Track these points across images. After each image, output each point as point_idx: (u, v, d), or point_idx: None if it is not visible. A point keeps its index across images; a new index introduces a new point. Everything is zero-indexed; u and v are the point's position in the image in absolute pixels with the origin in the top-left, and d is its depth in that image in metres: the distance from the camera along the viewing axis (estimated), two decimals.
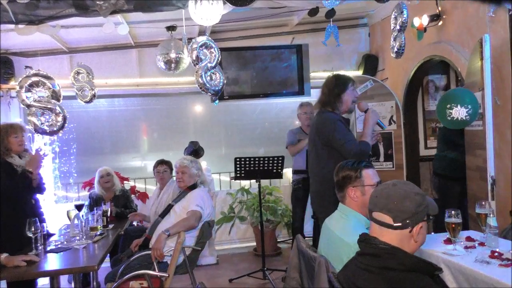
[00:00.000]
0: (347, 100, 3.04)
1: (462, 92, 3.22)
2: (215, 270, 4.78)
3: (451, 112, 3.05)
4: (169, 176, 4.17)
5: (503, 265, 1.96)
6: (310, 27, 5.60)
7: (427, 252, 2.26)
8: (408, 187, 1.51)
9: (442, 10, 4.21)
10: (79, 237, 3.25)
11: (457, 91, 3.14)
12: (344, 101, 3.03)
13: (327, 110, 3.03)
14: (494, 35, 3.54)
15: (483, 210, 2.34)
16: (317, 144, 3.01)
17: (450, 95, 3.13)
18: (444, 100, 3.15)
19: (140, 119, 6.00)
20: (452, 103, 3.04)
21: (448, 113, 3.06)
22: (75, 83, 4.44)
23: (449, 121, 3.08)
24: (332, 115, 2.97)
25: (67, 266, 2.70)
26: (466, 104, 3.01)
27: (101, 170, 4.34)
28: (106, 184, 4.31)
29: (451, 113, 3.05)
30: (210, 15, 2.75)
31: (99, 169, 4.36)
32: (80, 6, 2.44)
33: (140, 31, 4.95)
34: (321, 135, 2.96)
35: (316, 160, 3.03)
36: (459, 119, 3.03)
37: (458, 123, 3.08)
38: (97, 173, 4.34)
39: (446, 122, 3.10)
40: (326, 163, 2.90)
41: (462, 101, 3.04)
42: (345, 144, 2.83)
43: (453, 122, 3.09)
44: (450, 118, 3.03)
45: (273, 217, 5.18)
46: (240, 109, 6.12)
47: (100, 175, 4.31)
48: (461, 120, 3.05)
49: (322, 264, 1.70)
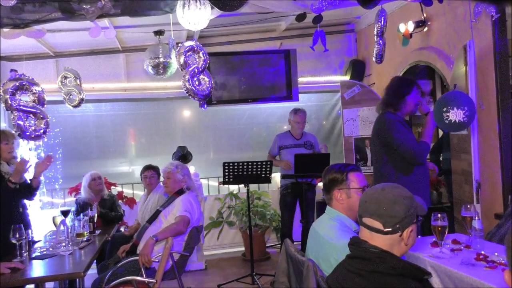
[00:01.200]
0: (410, 103, 3.09)
1: (457, 94, 3.24)
2: (203, 275, 4.75)
3: (448, 115, 3.04)
4: (156, 181, 4.14)
5: (488, 268, 1.99)
6: (298, 33, 5.64)
7: (415, 255, 2.27)
8: (397, 191, 1.52)
9: (427, 16, 4.28)
10: (65, 243, 3.20)
11: (452, 93, 3.15)
12: (408, 103, 3.09)
13: (388, 111, 3.11)
14: (478, 41, 3.61)
15: (468, 213, 2.37)
16: (376, 144, 3.15)
17: (446, 98, 3.13)
18: (440, 103, 3.15)
19: (127, 124, 5.95)
20: (449, 106, 3.03)
21: (445, 116, 3.04)
22: (62, 88, 4.38)
23: (447, 125, 3.07)
24: (392, 116, 3.06)
25: (53, 273, 2.65)
26: (463, 106, 3.02)
27: (93, 173, 4.29)
28: (98, 187, 4.26)
29: (448, 116, 3.04)
30: (198, 20, 2.75)
31: (90, 172, 4.30)
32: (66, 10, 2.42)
33: (127, 36, 4.93)
34: (380, 135, 3.08)
35: (375, 159, 3.19)
36: (456, 121, 3.03)
37: (456, 126, 3.08)
38: (88, 176, 4.26)
39: (444, 125, 3.11)
40: (384, 163, 3.04)
41: (458, 103, 3.06)
42: (404, 143, 2.94)
43: (451, 125, 3.08)
44: (448, 121, 3.02)
45: (262, 222, 5.17)
46: (228, 114, 6.12)
47: (92, 177, 4.25)
48: (459, 123, 3.05)
49: (310, 268, 1.70)
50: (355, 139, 5.15)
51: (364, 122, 5.10)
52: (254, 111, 6.17)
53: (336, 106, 6.17)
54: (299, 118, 4.67)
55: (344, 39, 6.01)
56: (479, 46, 3.60)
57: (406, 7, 4.58)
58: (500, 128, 3.49)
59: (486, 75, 3.57)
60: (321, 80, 5.93)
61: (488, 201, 3.58)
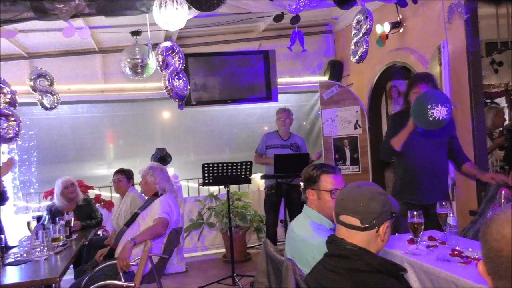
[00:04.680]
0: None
1: (438, 92, 3.28)
2: (183, 278, 4.71)
3: (433, 112, 3.01)
4: (125, 185, 4.04)
5: (463, 263, 2.03)
6: (276, 33, 5.66)
7: (392, 253, 2.31)
8: (372, 188, 1.55)
9: (402, 17, 4.36)
10: (40, 248, 3.13)
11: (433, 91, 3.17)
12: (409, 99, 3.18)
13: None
14: (452, 41, 3.69)
15: (443, 210, 2.42)
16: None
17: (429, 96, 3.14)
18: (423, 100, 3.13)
19: (105, 125, 5.85)
20: (433, 103, 3.02)
21: (430, 114, 3.01)
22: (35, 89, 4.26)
23: (430, 122, 3.05)
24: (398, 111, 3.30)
25: (27, 279, 2.59)
26: (446, 103, 3.05)
27: (65, 181, 4.07)
28: (71, 195, 4.08)
29: (433, 113, 3.01)
30: (175, 20, 2.72)
31: (61, 180, 4.07)
32: (38, 9, 2.35)
33: (104, 36, 4.85)
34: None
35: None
36: (440, 118, 3.04)
37: (437, 123, 3.10)
38: (60, 184, 4.05)
39: (427, 123, 3.08)
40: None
41: (442, 100, 3.08)
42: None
43: (434, 123, 3.09)
44: (432, 119, 3.01)
45: (242, 223, 5.16)
46: (207, 115, 6.09)
47: (64, 185, 4.04)
48: (441, 120, 3.06)
49: (289, 267, 1.71)
50: (334, 139, 5.20)
51: (343, 122, 5.16)
52: (234, 112, 6.16)
53: (315, 106, 6.22)
54: (280, 115, 4.73)
55: (322, 40, 6.06)
56: (453, 46, 3.69)
57: (382, 8, 4.65)
58: (474, 126, 3.57)
59: (459, 75, 3.66)
60: (300, 81, 5.97)
61: (463, 198, 3.67)
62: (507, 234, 0.91)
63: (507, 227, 0.91)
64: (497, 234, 0.92)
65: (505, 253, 0.90)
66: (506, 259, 0.90)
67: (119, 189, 4.04)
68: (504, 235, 0.91)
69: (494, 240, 0.93)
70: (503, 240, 0.91)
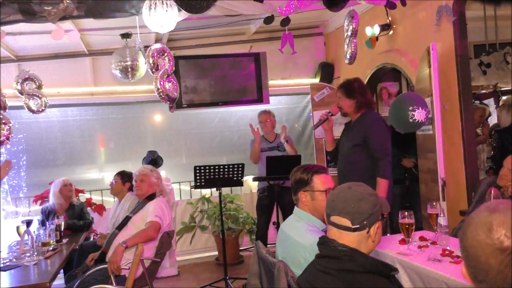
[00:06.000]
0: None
1: (417, 95, 3.30)
2: (176, 281, 4.68)
3: (414, 114, 3.03)
4: (119, 187, 4.02)
5: (453, 262, 2.05)
6: (267, 36, 5.67)
7: (383, 253, 2.32)
8: (362, 189, 1.55)
9: (392, 20, 4.39)
10: (29, 253, 3.09)
11: (413, 94, 3.19)
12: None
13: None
14: (440, 43, 3.73)
15: (434, 210, 2.43)
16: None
17: (410, 98, 3.15)
18: (403, 102, 3.13)
19: (95, 129, 5.81)
20: (414, 105, 3.04)
21: (411, 115, 3.03)
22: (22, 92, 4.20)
23: (409, 124, 3.06)
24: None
25: (16, 284, 2.56)
26: (425, 106, 3.07)
27: (65, 179, 4.26)
28: (69, 193, 4.22)
29: (414, 115, 3.02)
30: (165, 22, 2.71)
31: (62, 178, 4.24)
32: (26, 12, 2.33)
33: (94, 39, 4.82)
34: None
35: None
36: (419, 121, 3.05)
37: (416, 126, 3.11)
38: (60, 182, 4.19)
39: (406, 125, 3.09)
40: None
41: (422, 103, 3.10)
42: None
43: (413, 125, 3.09)
44: (412, 121, 3.02)
45: (235, 225, 5.15)
46: (199, 117, 6.07)
47: (63, 183, 4.19)
48: (420, 123, 3.07)
49: (281, 269, 1.71)
50: (326, 140, 5.20)
51: (334, 124, 5.15)
52: (225, 115, 6.15)
53: (306, 108, 6.23)
54: (261, 118, 4.74)
55: (313, 42, 6.08)
56: (442, 48, 3.72)
57: (371, 10, 4.68)
58: (463, 127, 3.61)
59: (448, 76, 3.69)
60: (291, 83, 5.99)
61: (453, 198, 3.69)
62: (482, 240, 0.91)
63: (481, 233, 0.92)
64: (473, 240, 0.93)
65: (482, 259, 0.91)
66: (485, 264, 0.91)
67: (113, 190, 4.04)
68: (479, 241, 0.92)
69: (470, 246, 0.93)
70: (479, 246, 0.92)
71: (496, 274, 0.89)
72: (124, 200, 3.95)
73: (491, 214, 0.93)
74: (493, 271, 0.89)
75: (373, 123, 3.15)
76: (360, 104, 3.25)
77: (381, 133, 3.13)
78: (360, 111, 3.28)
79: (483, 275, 0.92)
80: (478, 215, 0.95)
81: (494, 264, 0.89)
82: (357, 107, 3.27)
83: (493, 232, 0.90)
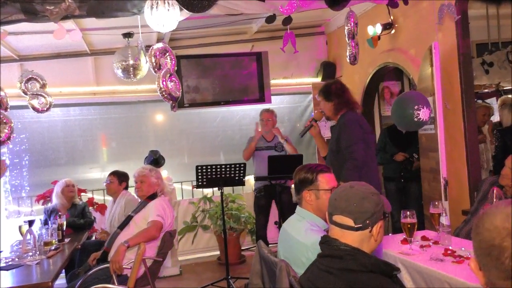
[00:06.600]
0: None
1: (420, 94, 3.29)
2: (178, 281, 4.68)
3: (419, 113, 3.03)
4: (116, 187, 4.03)
5: (456, 262, 2.04)
6: (269, 35, 5.66)
7: (385, 253, 2.31)
8: (365, 188, 1.55)
9: (394, 19, 4.38)
10: (32, 253, 3.09)
11: (416, 93, 3.18)
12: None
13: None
14: (443, 42, 3.71)
15: (436, 210, 2.43)
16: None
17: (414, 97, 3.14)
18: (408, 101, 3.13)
19: (97, 128, 5.81)
20: (419, 104, 3.04)
21: (416, 114, 3.04)
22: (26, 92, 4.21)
23: (414, 123, 3.05)
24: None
25: (19, 284, 2.56)
26: (429, 106, 3.07)
27: (68, 180, 4.31)
28: (71, 194, 4.25)
29: (419, 114, 3.04)
30: (167, 21, 2.71)
31: (64, 180, 4.29)
32: (28, 11, 2.33)
33: (96, 38, 4.82)
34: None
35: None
36: (424, 120, 3.05)
37: (420, 124, 3.10)
38: (62, 182, 4.24)
39: (411, 123, 3.08)
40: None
41: (426, 102, 3.10)
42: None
43: (418, 124, 3.09)
44: (417, 120, 3.02)
45: (237, 225, 5.15)
46: (201, 117, 6.07)
47: (66, 184, 4.24)
48: (424, 122, 3.07)
49: (283, 268, 1.70)
50: (327, 140, 5.19)
51: None
52: (227, 114, 6.14)
53: (308, 107, 6.22)
54: (263, 116, 4.75)
55: (315, 42, 6.07)
56: (444, 47, 3.71)
57: (374, 10, 4.67)
58: (465, 127, 3.59)
59: (451, 76, 3.68)
60: (293, 82, 5.98)
61: (456, 197, 3.68)
62: (499, 224, 0.95)
63: (500, 218, 0.96)
64: (490, 225, 0.97)
65: (496, 241, 0.94)
66: (498, 248, 0.94)
67: (109, 190, 4.06)
68: (496, 225, 0.96)
69: (486, 230, 0.97)
70: (495, 230, 0.95)
71: (508, 256, 0.93)
72: (119, 198, 3.96)
73: (508, 206, 0.98)
74: (506, 253, 0.93)
75: (345, 124, 3.11)
76: (337, 106, 3.22)
77: (350, 135, 3.06)
78: (339, 113, 3.25)
79: (494, 260, 0.95)
80: (497, 207, 1.00)
81: (507, 247, 0.93)
82: (336, 109, 3.24)
83: (510, 219, 0.95)
